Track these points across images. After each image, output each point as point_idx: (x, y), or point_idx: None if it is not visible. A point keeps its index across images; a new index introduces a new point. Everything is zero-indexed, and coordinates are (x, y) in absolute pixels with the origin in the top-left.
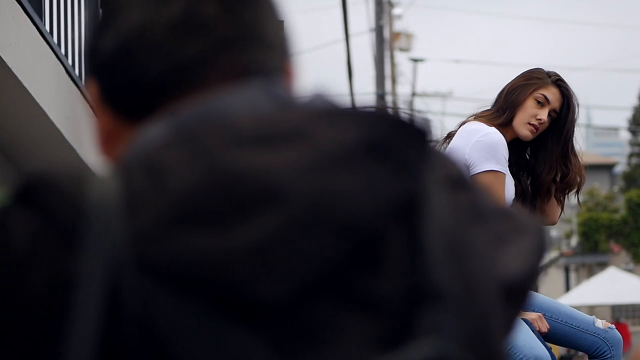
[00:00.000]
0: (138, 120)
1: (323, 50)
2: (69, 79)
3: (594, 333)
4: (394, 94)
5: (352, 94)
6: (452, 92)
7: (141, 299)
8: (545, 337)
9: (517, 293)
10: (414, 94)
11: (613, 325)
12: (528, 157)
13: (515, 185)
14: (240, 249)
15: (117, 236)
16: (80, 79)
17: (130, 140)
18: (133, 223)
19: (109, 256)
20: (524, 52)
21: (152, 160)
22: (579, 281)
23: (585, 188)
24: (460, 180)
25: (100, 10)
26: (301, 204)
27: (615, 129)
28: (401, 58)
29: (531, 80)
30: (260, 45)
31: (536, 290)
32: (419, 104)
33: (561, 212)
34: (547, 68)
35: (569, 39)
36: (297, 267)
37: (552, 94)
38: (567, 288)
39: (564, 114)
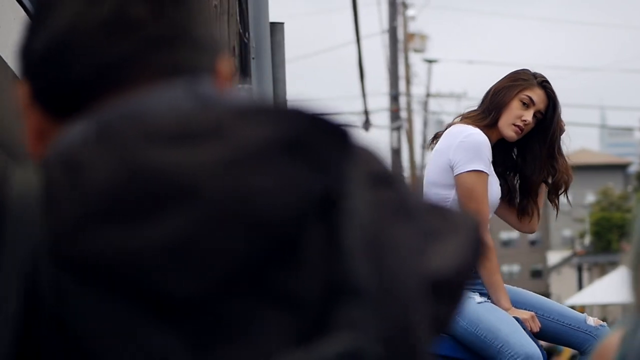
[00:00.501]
0: (67, 118)
1: (336, 52)
2: None
3: (586, 331)
4: (408, 94)
5: (364, 95)
6: (467, 92)
7: (57, 294)
8: (537, 335)
9: (448, 289)
10: (428, 95)
11: (604, 323)
12: (515, 158)
13: (502, 185)
14: (154, 245)
15: (35, 232)
16: None
17: (55, 139)
18: (51, 219)
19: (27, 251)
20: (536, 53)
21: (71, 157)
22: (591, 280)
23: (599, 188)
24: (384, 177)
25: (32, 12)
26: (216, 201)
27: (629, 130)
28: (415, 59)
29: (517, 82)
30: (189, 46)
31: (547, 290)
32: (434, 105)
33: (557, 214)
34: (559, 69)
35: (580, 40)
36: (211, 263)
37: (537, 95)
38: (580, 287)
39: (549, 115)
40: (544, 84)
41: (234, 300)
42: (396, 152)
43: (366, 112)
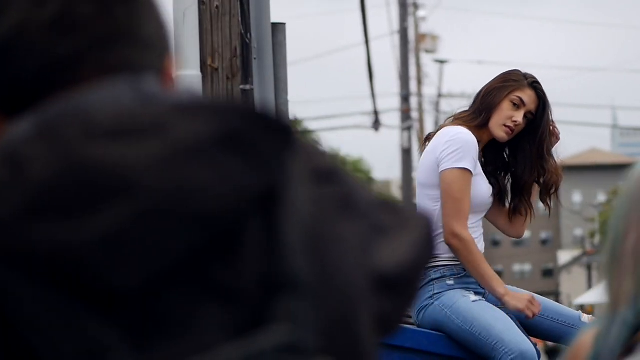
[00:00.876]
0: (16, 116)
1: (347, 52)
2: None
3: (580, 328)
4: (419, 95)
5: (373, 95)
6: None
7: None
8: (532, 333)
9: (396, 285)
10: (440, 95)
11: None
12: (506, 157)
13: (493, 185)
14: (93, 239)
15: None
16: None
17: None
18: None
19: None
20: (547, 53)
21: (13, 153)
22: (601, 279)
23: (610, 187)
24: (328, 173)
25: None
26: (154, 196)
27: None
28: (426, 59)
29: (507, 83)
30: (135, 44)
31: (557, 288)
32: (445, 105)
33: (549, 213)
34: (566, 69)
35: (593, 40)
36: (148, 257)
37: (527, 96)
38: (590, 286)
39: (539, 116)
40: (534, 85)
41: (172, 294)
42: (407, 152)
43: (376, 113)
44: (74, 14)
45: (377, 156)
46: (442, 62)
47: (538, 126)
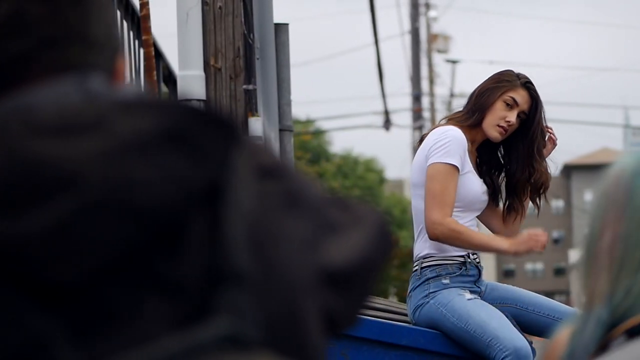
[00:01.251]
0: None
1: (359, 53)
2: None
3: None
4: (431, 94)
5: (383, 95)
6: None
7: None
8: (526, 330)
9: (346, 281)
10: (452, 95)
11: None
12: (500, 157)
13: (488, 184)
14: (33, 232)
15: None
16: None
17: None
18: None
19: None
20: (557, 53)
21: None
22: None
23: None
24: (273, 170)
25: None
26: (96, 190)
27: None
28: (437, 59)
29: (501, 83)
30: (84, 44)
31: (568, 287)
32: (458, 105)
33: (538, 213)
34: (578, 69)
35: (603, 40)
36: (90, 251)
37: (520, 96)
38: None
39: (531, 115)
40: (527, 85)
41: (115, 288)
42: None
43: (386, 112)
44: (24, 15)
45: (390, 155)
46: (453, 62)
47: (530, 125)
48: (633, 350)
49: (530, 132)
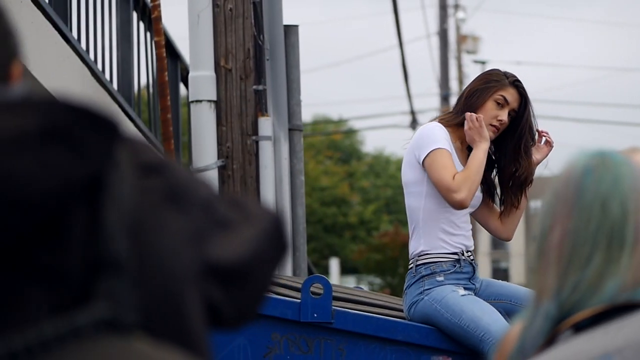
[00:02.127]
0: None
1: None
2: (94, 80)
3: None
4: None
5: (409, 95)
6: None
7: None
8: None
9: (235, 275)
10: None
11: None
12: (492, 153)
13: (482, 182)
14: None
15: None
16: (111, 82)
17: None
18: None
19: None
20: (585, 53)
21: None
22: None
23: None
24: (155, 166)
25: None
26: None
27: None
28: (465, 60)
29: (490, 83)
30: None
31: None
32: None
33: (516, 210)
34: (606, 69)
35: (633, 40)
36: None
37: (510, 94)
38: None
39: (520, 113)
40: (515, 83)
41: None
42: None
43: (412, 112)
44: None
45: None
46: (482, 62)
47: (519, 123)
48: (577, 344)
49: (519, 129)
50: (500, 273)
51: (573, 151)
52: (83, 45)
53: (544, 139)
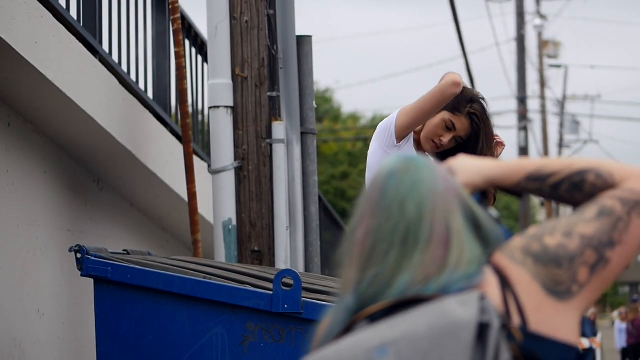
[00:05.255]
0: None
1: (475, 56)
2: (122, 88)
3: None
4: (542, 97)
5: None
6: (600, 95)
7: None
8: None
9: None
10: (564, 97)
11: None
12: None
13: None
14: None
15: None
16: (147, 91)
17: None
18: None
19: None
20: None
21: None
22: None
23: None
24: None
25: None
26: None
27: None
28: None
29: (450, 103)
30: None
31: None
32: (571, 108)
33: None
34: None
35: None
36: None
37: (461, 124)
38: None
39: (472, 144)
40: (471, 115)
41: None
42: (523, 150)
43: None
44: None
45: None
46: (557, 66)
47: (472, 153)
48: (361, 335)
49: (477, 147)
50: None
51: None
52: (115, 57)
53: (494, 141)
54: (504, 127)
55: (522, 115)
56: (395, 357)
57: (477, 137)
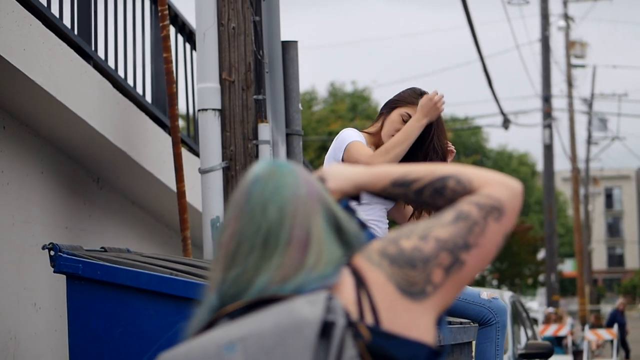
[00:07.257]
0: None
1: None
2: (116, 92)
3: (480, 304)
4: (570, 96)
5: (495, 98)
6: (627, 94)
7: None
8: (451, 314)
9: None
10: (592, 96)
11: (497, 296)
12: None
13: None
14: None
15: None
16: (144, 95)
17: None
18: None
19: None
20: None
21: None
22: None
23: None
24: None
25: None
26: None
27: None
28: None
29: (401, 98)
30: None
31: None
32: (598, 106)
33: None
34: None
35: None
36: None
37: (415, 113)
38: None
39: (426, 131)
40: None
41: None
42: (548, 147)
43: (503, 113)
44: None
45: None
46: (581, 66)
47: (425, 140)
48: (214, 332)
49: (424, 146)
50: (616, 259)
51: None
52: (112, 62)
53: (447, 148)
54: (527, 125)
55: (547, 114)
56: (242, 353)
57: (430, 126)
